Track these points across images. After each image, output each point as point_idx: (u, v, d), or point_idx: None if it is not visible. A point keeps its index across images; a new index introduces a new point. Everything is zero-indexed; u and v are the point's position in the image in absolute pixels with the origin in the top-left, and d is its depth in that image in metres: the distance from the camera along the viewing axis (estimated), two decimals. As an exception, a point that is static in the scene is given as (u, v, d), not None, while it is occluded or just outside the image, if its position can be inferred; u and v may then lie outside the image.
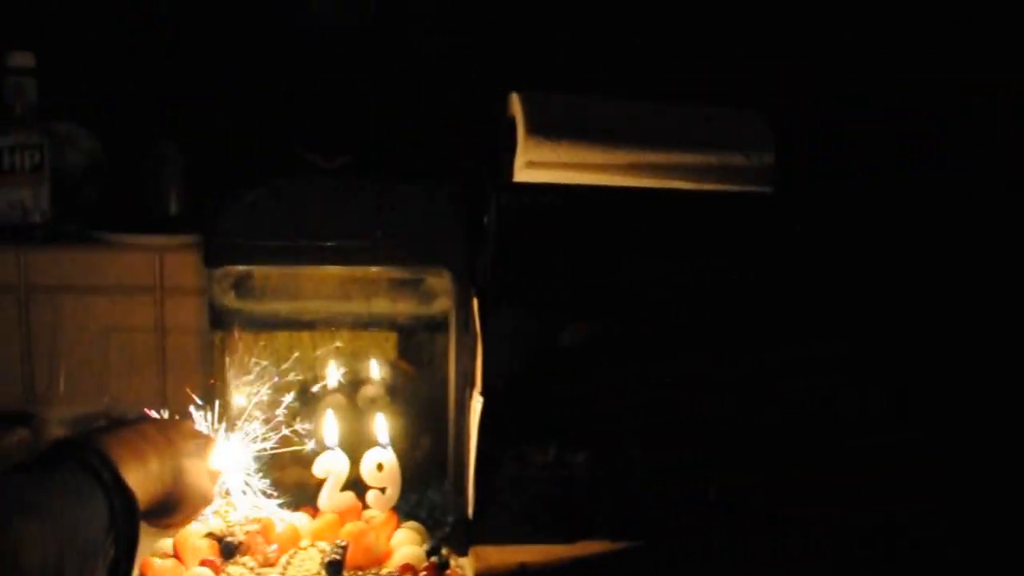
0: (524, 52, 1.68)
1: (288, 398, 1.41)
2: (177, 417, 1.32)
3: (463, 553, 1.39)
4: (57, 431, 1.85)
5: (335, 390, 1.50)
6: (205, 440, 1.19)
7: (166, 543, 1.27)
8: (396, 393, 1.53)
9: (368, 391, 1.53)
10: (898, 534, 1.48)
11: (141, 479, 1.02)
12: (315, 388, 1.50)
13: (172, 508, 1.12)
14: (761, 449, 1.47)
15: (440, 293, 1.47)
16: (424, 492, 1.46)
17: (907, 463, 1.50)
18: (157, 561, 1.21)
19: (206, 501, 1.16)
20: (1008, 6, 1.69)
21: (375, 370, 1.53)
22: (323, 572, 1.23)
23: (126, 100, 1.99)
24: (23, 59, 1.86)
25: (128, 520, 0.96)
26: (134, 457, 1.03)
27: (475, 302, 1.40)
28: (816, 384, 1.49)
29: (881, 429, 1.53)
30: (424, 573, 1.23)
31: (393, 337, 1.53)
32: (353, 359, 1.52)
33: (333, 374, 1.50)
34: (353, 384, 1.52)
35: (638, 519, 1.45)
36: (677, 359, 1.45)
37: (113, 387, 1.90)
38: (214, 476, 1.19)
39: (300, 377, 1.46)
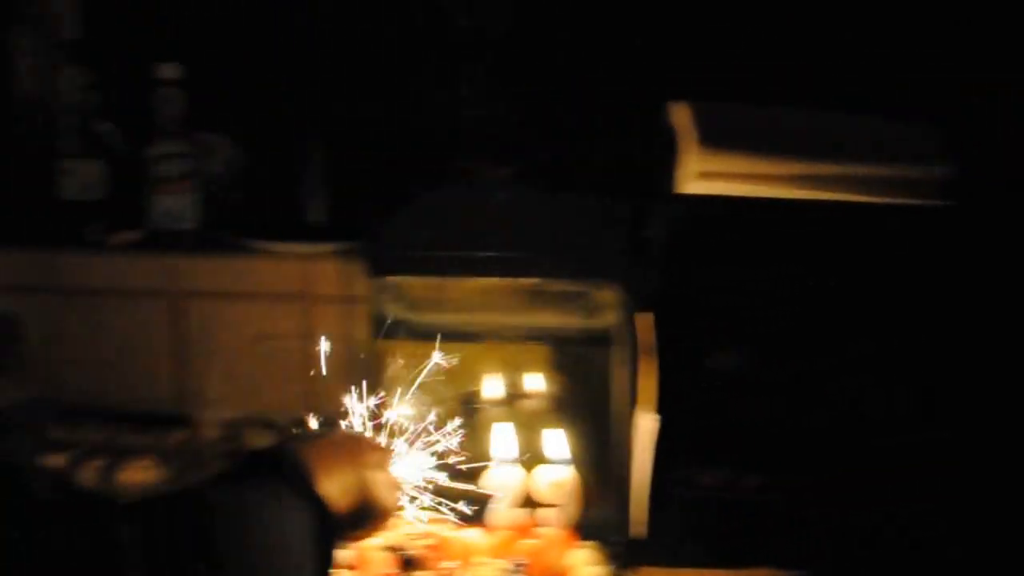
0: (681, 61, 1.63)
1: (449, 410, 1.38)
2: (340, 425, 1.31)
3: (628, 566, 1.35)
4: (210, 433, 1.85)
5: (495, 402, 1.47)
6: (386, 452, 1.17)
7: (345, 556, 1.25)
8: (556, 407, 1.49)
9: (528, 404, 1.49)
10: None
11: (333, 492, 1.00)
12: (476, 401, 1.47)
13: (358, 521, 1.09)
14: (938, 479, 1.40)
15: (606, 307, 1.43)
16: (585, 510, 1.42)
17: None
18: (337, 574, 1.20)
19: (389, 514, 1.13)
20: None
21: (536, 383, 1.50)
22: (505, 590, 1.21)
23: (271, 109, 1.98)
24: (172, 71, 1.87)
25: (326, 533, 0.95)
26: (326, 469, 1.01)
27: (640, 317, 1.36)
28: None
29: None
30: None
31: (556, 351, 1.49)
32: (515, 371, 1.48)
33: (493, 387, 1.47)
34: (513, 397, 1.49)
35: (807, 549, 1.39)
36: (852, 380, 1.39)
37: (262, 392, 1.90)
38: (396, 488, 1.16)
39: (462, 389, 1.44)
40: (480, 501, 1.32)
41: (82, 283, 1.89)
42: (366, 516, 1.08)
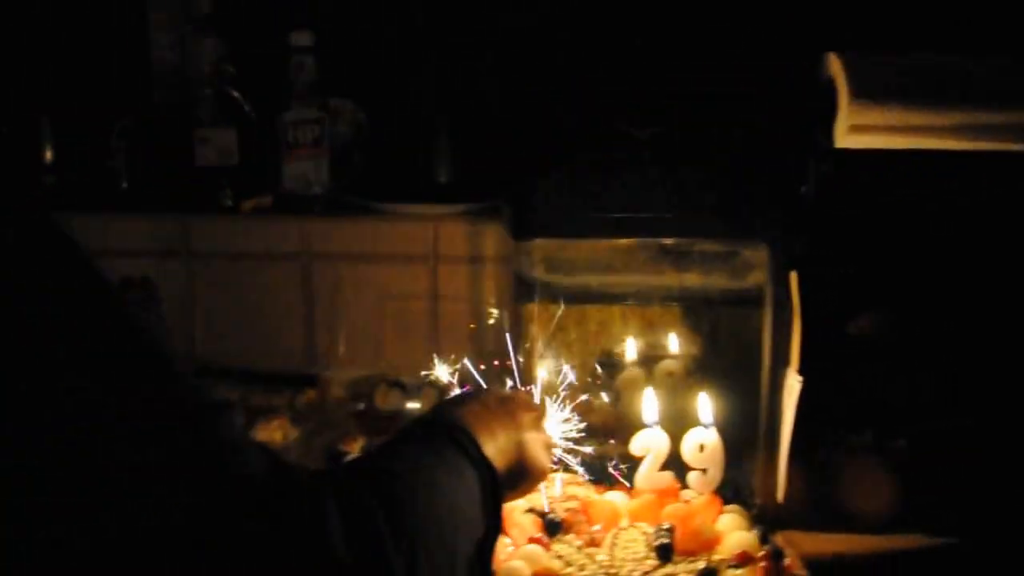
0: (830, 11, 1.53)
1: (590, 373, 1.33)
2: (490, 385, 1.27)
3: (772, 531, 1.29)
4: (338, 393, 1.84)
5: (637, 365, 1.42)
6: (539, 412, 1.12)
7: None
8: (700, 370, 1.43)
9: (666, 366, 1.43)
10: None
11: (492, 453, 0.95)
12: (617, 363, 1.42)
13: (513, 483, 1.05)
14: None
15: (755, 267, 1.36)
16: (728, 473, 1.36)
17: None
18: (490, 537, 1.15)
19: (543, 475, 1.09)
20: None
21: (678, 345, 1.44)
22: (652, 555, 1.15)
23: (400, 72, 1.95)
24: (303, 38, 1.85)
25: (494, 496, 0.90)
26: (486, 431, 0.97)
27: (792, 277, 1.28)
28: None
29: None
30: (762, 563, 1.12)
31: (700, 312, 1.42)
32: (657, 333, 1.43)
33: (635, 349, 1.41)
34: (655, 359, 1.43)
35: (957, 513, 1.31)
36: (1003, 344, 1.30)
37: (389, 351, 1.88)
38: (549, 449, 1.11)
39: (602, 351, 1.39)
40: (624, 464, 1.27)
41: (216, 247, 1.89)
42: (520, 478, 1.04)
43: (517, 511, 1.20)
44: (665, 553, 1.14)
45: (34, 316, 0.56)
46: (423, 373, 1.79)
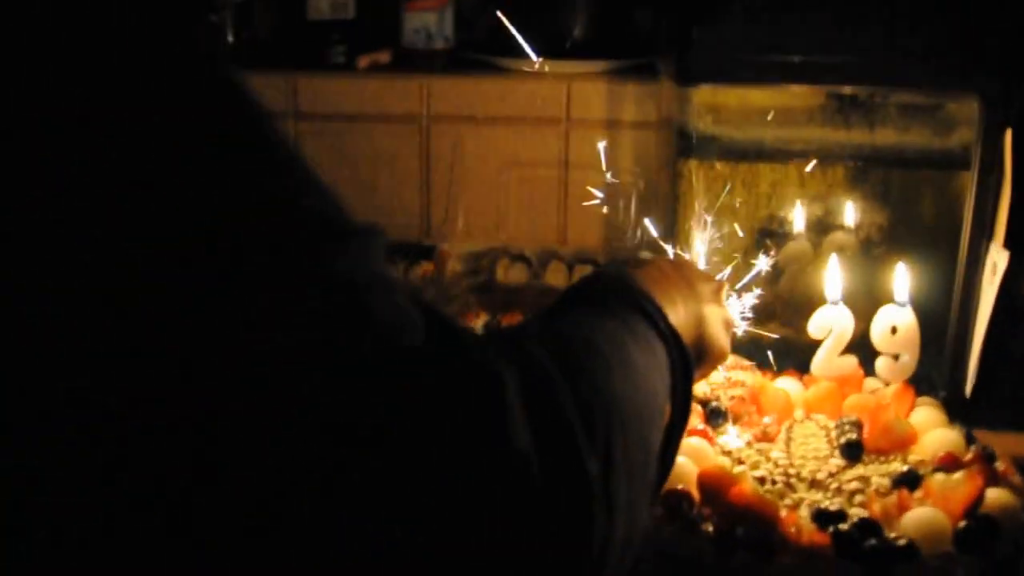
0: None
1: (759, 242, 1.12)
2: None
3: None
4: (456, 267, 1.66)
5: (816, 234, 1.20)
6: (718, 284, 0.91)
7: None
8: (890, 240, 1.20)
9: (837, 239, 1.21)
10: None
11: (677, 326, 0.75)
12: (792, 232, 1.20)
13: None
14: None
15: (962, 123, 1.11)
16: (921, 360, 1.14)
17: None
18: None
19: (723, 357, 0.88)
20: None
21: (850, 214, 1.21)
22: (837, 453, 0.95)
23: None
24: None
25: (685, 377, 0.69)
26: (667, 300, 0.76)
27: (1007, 136, 1.04)
28: None
29: None
30: (974, 466, 0.91)
31: (891, 173, 1.19)
32: (840, 197, 1.20)
33: (813, 215, 1.19)
34: (838, 227, 1.20)
35: None
36: None
37: (511, 223, 1.69)
38: (729, 327, 0.90)
39: (774, 217, 1.17)
40: (801, 347, 1.07)
41: (327, 108, 1.70)
42: (700, 359, 0.83)
43: (674, 396, 1.01)
44: (853, 451, 0.94)
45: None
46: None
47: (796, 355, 1.10)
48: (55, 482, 0.38)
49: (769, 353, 1.11)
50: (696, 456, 0.92)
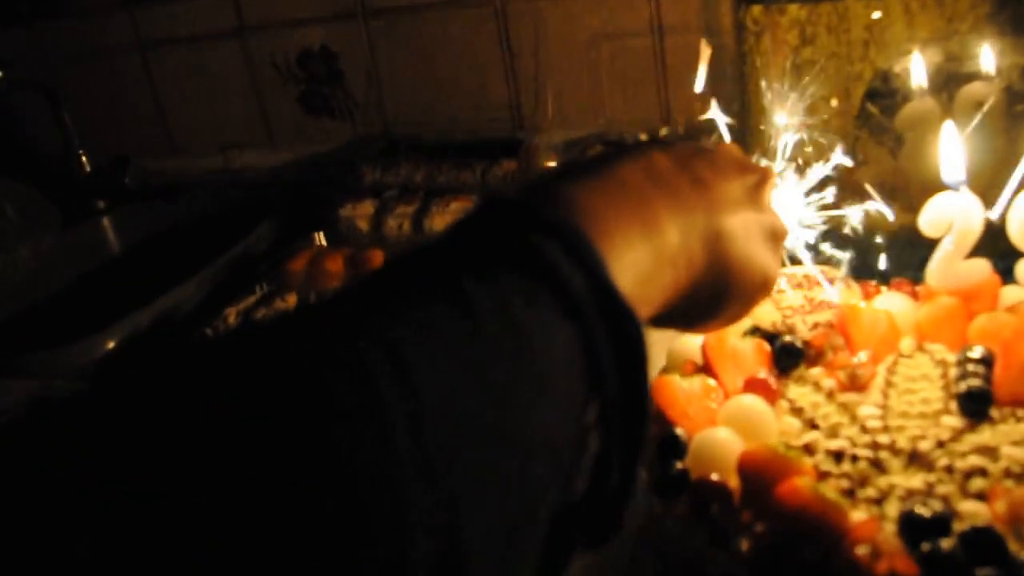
0: None
1: (853, 109, 0.77)
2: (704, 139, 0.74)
3: None
4: (547, 160, 1.37)
5: (926, 94, 0.82)
6: (759, 176, 0.56)
7: (689, 344, 0.72)
8: (1020, 94, 0.81)
9: (973, 90, 0.82)
10: None
11: (647, 267, 0.44)
12: (895, 91, 0.83)
13: (705, 308, 0.53)
14: None
15: None
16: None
17: None
18: (677, 381, 0.67)
19: (766, 284, 0.55)
20: None
21: (990, 59, 0.82)
22: (953, 407, 0.62)
23: None
24: None
25: (627, 362, 0.40)
26: (636, 225, 0.44)
27: None
28: None
29: None
30: None
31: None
32: (962, 41, 0.81)
33: (922, 68, 0.81)
34: (959, 81, 0.82)
35: None
36: None
37: (607, 105, 1.38)
38: (777, 237, 0.58)
39: (872, 74, 0.81)
40: (909, 253, 0.72)
41: (396, 1, 1.43)
42: (722, 296, 0.52)
43: (730, 333, 0.70)
44: (976, 404, 0.61)
45: None
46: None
47: (921, 257, 0.75)
48: None
49: (883, 258, 0.77)
50: (746, 424, 0.62)
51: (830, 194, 0.71)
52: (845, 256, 0.70)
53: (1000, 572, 0.49)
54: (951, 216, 0.68)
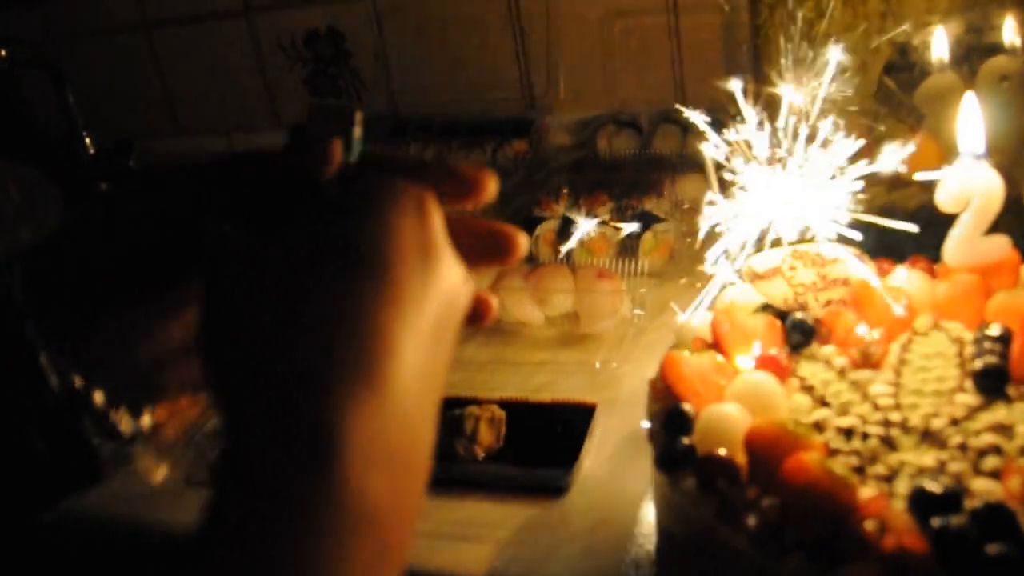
0: None
1: (874, 84, 0.77)
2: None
3: None
4: (559, 139, 1.37)
5: (945, 64, 0.82)
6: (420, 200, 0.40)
7: (699, 320, 0.72)
8: None
9: (996, 64, 0.82)
10: None
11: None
12: (915, 63, 0.83)
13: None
14: None
15: None
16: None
17: None
18: (685, 357, 0.67)
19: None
20: None
21: (1011, 31, 0.81)
22: (969, 384, 0.62)
23: None
24: None
25: None
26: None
27: None
28: None
29: None
30: None
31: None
32: (985, 10, 0.81)
33: (945, 40, 0.81)
34: (982, 53, 0.82)
35: None
36: None
37: (620, 84, 1.38)
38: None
39: (894, 46, 0.81)
40: (926, 227, 0.72)
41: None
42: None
43: (743, 310, 0.70)
44: (992, 382, 0.61)
45: None
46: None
47: (940, 234, 0.75)
48: None
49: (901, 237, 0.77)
50: (755, 400, 0.62)
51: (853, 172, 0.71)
52: (858, 235, 0.69)
53: (1011, 548, 0.49)
54: (970, 191, 0.67)
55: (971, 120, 0.68)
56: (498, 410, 0.88)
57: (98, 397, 0.39)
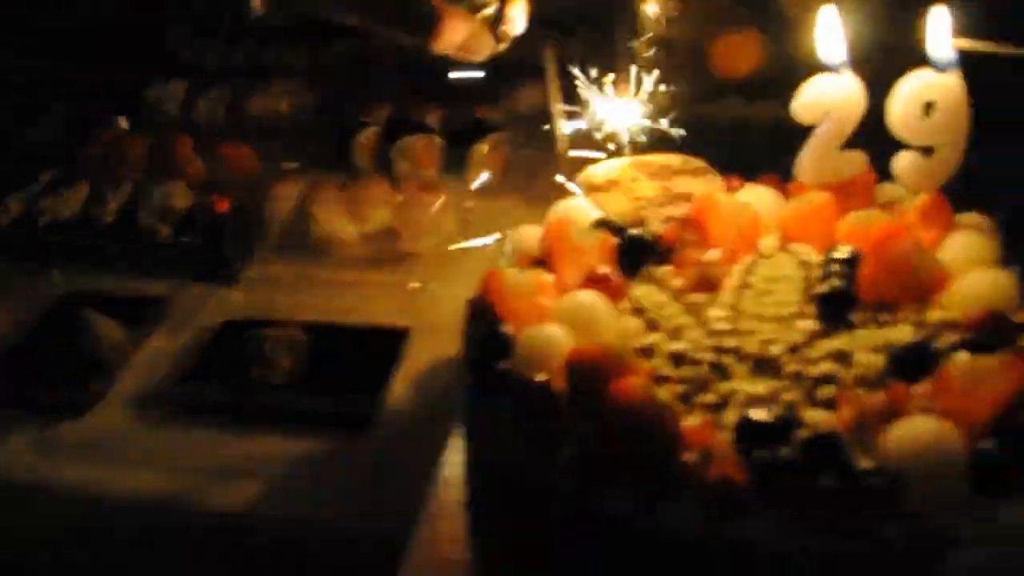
0: None
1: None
2: None
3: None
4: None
5: None
6: None
7: (530, 235, 0.72)
8: None
9: None
10: None
11: None
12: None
13: None
14: None
15: None
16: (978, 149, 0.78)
17: None
18: (508, 275, 0.66)
19: None
20: None
21: None
22: (812, 308, 0.64)
23: None
24: None
25: None
26: None
27: None
28: None
29: None
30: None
31: None
32: None
33: None
34: None
35: None
36: None
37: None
38: None
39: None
40: (776, 140, 0.74)
41: None
42: None
43: (577, 225, 0.70)
44: (836, 308, 0.63)
45: None
46: None
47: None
48: None
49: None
50: (581, 322, 0.62)
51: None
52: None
53: (842, 481, 0.50)
54: (827, 101, 0.69)
55: (831, 28, 0.69)
56: (299, 333, 0.86)
57: None
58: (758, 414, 0.54)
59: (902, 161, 0.69)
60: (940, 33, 0.67)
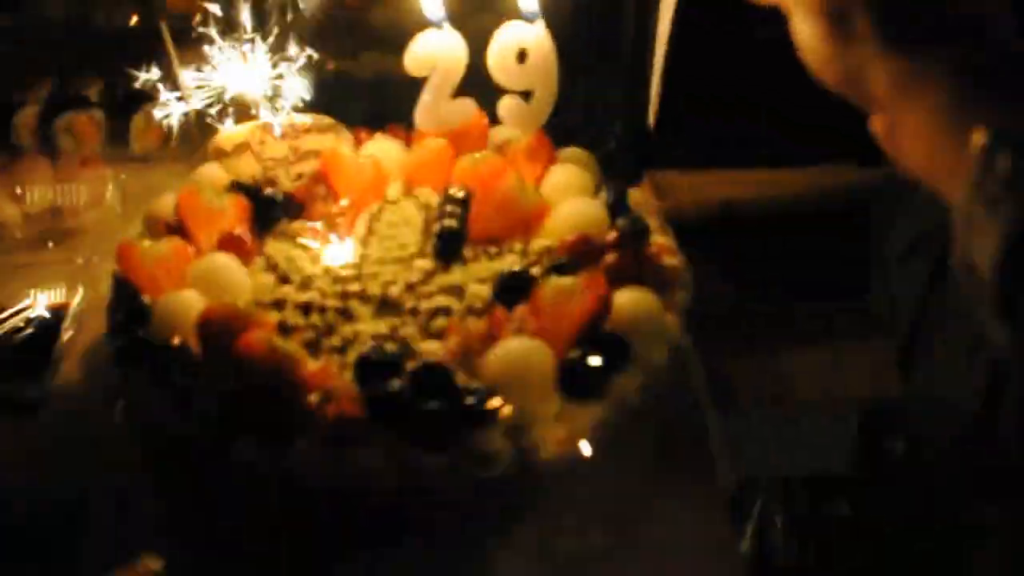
0: None
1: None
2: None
3: (633, 181, 0.86)
4: (53, 9, 1.31)
5: None
6: None
7: (163, 204, 0.75)
8: None
9: None
10: None
11: None
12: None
13: None
14: None
15: None
16: (573, 89, 0.87)
17: None
18: (142, 246, 0.70)
19: None
20: None
21: None
22: (430, 247, 0.71)
23: None
24: None
25: None
26: None
27: None
28: None
29: None
30: (612, 254, 0.68)
31: None
32: None
33: None
34: None
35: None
36: None
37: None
38: None
39: None
40: (395, 95, 0.80)
41: None
42: None
43: (209, 187, 0.74)
44: (450, 244, 0.70)
45: None
46: None
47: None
48: None
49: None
50: (215, 284, 0.67)
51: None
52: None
53: (446, 404, 0.58)
54: (433, 55, 0.75)
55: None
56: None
57: None
58: (373, 352, 0.61)
59: (505, 105, 0.77)
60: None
